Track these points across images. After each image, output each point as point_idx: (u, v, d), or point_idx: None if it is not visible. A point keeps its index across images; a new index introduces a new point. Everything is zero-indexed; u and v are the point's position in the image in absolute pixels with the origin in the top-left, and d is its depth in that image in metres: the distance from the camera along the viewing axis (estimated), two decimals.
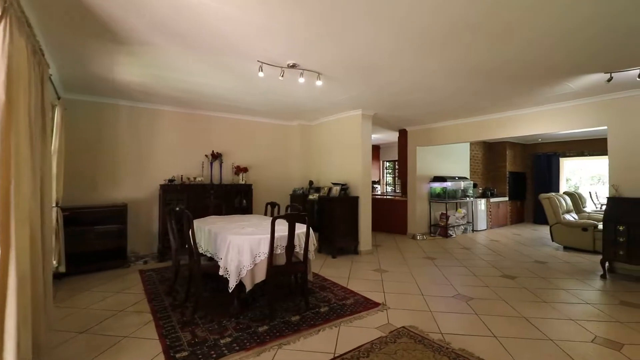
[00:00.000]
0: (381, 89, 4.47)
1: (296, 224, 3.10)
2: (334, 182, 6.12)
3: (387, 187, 12.09)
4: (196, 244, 3.15)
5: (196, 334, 2.73)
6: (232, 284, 2.89)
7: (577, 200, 7.61)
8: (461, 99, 4.99)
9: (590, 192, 9.16)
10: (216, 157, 5.80)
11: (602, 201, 10.03)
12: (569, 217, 6.67)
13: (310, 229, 3.29)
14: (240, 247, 2.95)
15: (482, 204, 8.58)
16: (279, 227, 3.09)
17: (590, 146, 9.03)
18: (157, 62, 3.55)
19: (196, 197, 5.31)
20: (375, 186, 10.74)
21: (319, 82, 3.84)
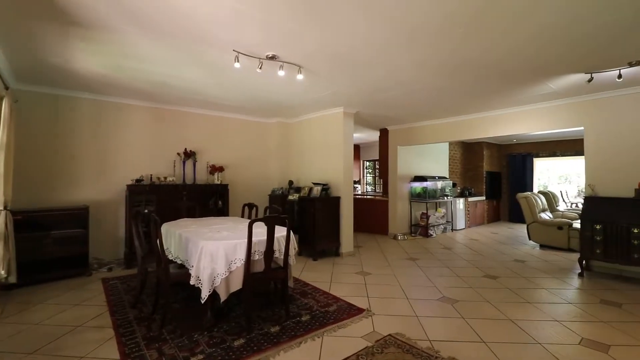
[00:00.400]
0: (364, 86, 4.32)
1: (276, 227, 2.88)
2: (315, 182, 5.92)
3: (368, 186, 12.04)
4: (164, 250, 2.86)
5: (163, 351, 2.44)
6: (204, 294, 2.63)
7: (550, 199, 7.82)
8: (444, 98, 4.92)
9: (561, 192, 9.51)
10: (189, 155, 5.45)
11: (572, 200, 10.49)
12: (544, 215, 6.82)
13: (290, 232, 3.08)
14: (213, 253, 2.69)
15: (460, 204, 8.66)
16: (256, 231, 2.87)
17: (562, 147, 9.33)
18: (121, 50, 3.22)
19: (167, 199, 4.94)
20: (355, 186, 10.64)
21: (300, 76, 3.62)
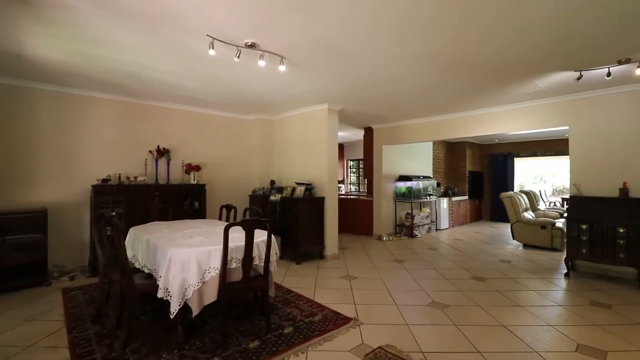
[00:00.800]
0: (350, 81, 4.10)
1: (256, 231, 2.62)
2: (298, 181, 5.67)
3: (352, 186, 11.88)
4: (127, 258, 2.54)
5: None
6: (174, 308, 2.34)
7: (532, 198, 7.90)
8: (431, 95, 4.78)
9: (540, 191, 9.68)
10: (162, 153, 5.06)
11: (550, 199, 10.72)
12: (527, 215, 6.84)
13: (272, 236, 2.82)
14: (184, 261, 2.40)
15: (444, 203, 8.62)
16: (234, 236, 2.59)
17: (542, 147, 9.48)
18: (82, 34, 2.86)
19: (137, 200, 4.54)
20: (339, 186, 10.44)
21: (282, 67, 3.36)
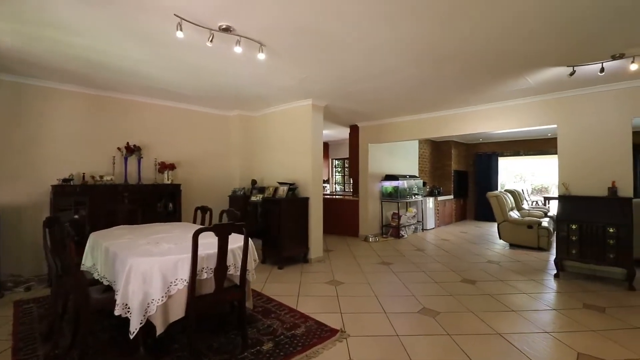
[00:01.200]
0: (335, 71, 3.83)
1: (232, 236, 2.33)
2: (281, 181, 5.38)
3: (337, 186, 11.67)
4: (80, 268, 2.20)
5: None
6: (134, 328, 2.01)
7: (517, 198, 7.89)
8: (421, 91, 4.58)
9: (522, 190, 9.73)
10: (133, 150, 4.66)
11: (532, 198, 10.83)
12: (513, 214, 6.79)
13: (249, 241, 2.53)
14: (146, 273, 2.08)
15: (430, 203, 8.52)
16: (205, 242, 2.29)
17: (525, 146, 9.53)
18: (27, 13, 2.49)
19: (103, 201, 4.13)
20: (324, 185, 10.21)
21: (262, 56, 3.06)
